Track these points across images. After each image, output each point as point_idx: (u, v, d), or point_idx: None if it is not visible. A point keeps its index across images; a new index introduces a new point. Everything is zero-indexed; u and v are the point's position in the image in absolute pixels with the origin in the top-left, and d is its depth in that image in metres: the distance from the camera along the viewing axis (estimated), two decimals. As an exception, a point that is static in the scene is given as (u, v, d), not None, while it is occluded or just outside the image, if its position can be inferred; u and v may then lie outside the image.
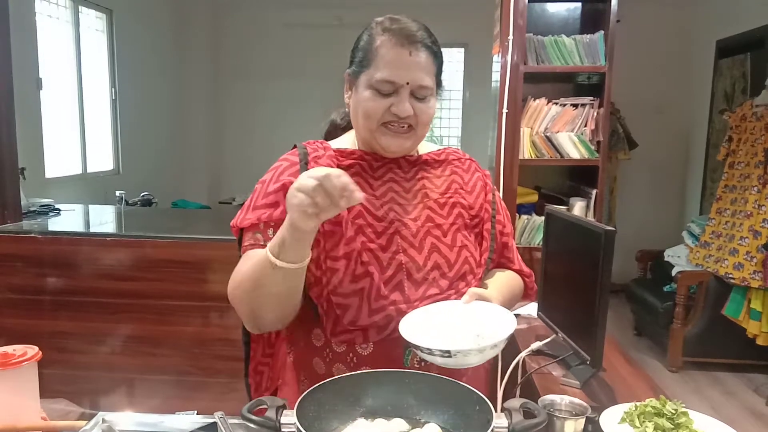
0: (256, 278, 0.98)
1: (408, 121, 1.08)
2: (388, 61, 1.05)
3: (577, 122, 2.96)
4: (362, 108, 1.08)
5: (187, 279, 2.47)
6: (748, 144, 3.72)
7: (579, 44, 2.88)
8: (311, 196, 0.85)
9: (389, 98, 1.06)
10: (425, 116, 1.09)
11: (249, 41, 5.93)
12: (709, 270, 3.73)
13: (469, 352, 0.91)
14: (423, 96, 1.08)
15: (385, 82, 1.05)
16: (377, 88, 1.06)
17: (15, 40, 2.71)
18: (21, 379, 1.04)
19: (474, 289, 1.06)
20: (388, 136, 1.09)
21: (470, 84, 5.92)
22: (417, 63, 1.06)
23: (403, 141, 1.10)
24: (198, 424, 1.01)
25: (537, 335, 1.79)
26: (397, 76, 1.05)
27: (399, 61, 1.05)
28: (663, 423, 1.10)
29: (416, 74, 1.06)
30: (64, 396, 1.68)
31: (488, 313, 1.03)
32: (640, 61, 4.87)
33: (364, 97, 1.08)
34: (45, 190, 3.79)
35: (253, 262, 1.00)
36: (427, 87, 1.07)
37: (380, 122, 1.08)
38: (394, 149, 1.11)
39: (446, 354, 0.90)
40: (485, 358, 0.94)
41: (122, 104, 5.02)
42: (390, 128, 1.09)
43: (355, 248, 1.05)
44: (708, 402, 3.40)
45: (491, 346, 0.92)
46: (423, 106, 1.08)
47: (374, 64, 1.06)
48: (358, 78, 1.10)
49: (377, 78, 1.05)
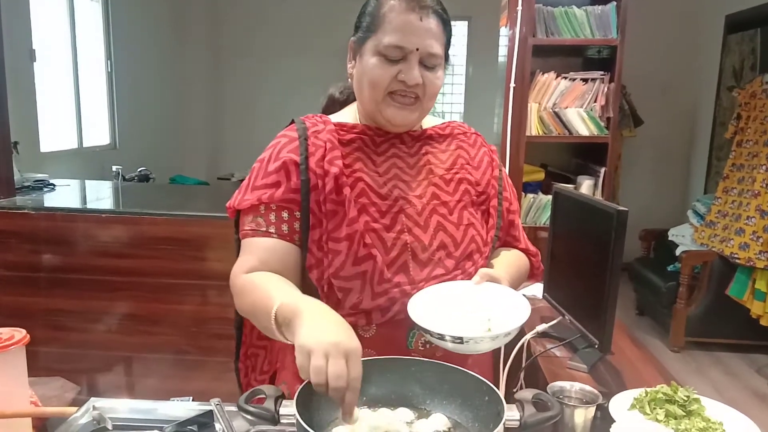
0: (255, 308, 0.96)
1: (415, 90, 1.03)
2: (398, 26, 1.00)
3: (587, 98, 2.89)
4: (368, 76, 1.03)
5: (184, 257, 2.43)
6: (757, 122, 3.65)
7: (590, 16, 2.79)
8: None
9: (397, 65, 1.01)
10: (433, 87, 1.04)
11: (249, 14, 5.82)
12: (714, 250, 3.69)
13: (482, 339, 0.87)
14: (432, 65, 1.03)
15: (394, 48, 1.00)
16: (385, 54, 1.01)
17: (6, 10, 2.64)
18: (8, 363, 1.00)
19: (484, 269, 1.03)
20: (393, 108, 1.04)
21: (474, 59, 5.81)
22: (427, 29, 1.01)
23: (409, 113, 1.05)
24: (194, 411, 0.97)
25: (542, 317, 1.75)
26: (406, 42, 1.00)
27: (409, 25, 1.00)
28: (674, 410, 1.07)
29: (426, 40, 1.01)
30: (60, 374, 1.66)
31: (500, 297, 0.99)
32: (646, 35, 4.75)
33: (371, 64, 1.02)
34: (40, 164, 3.73)
35: (259, 294, 0.94)
36: (436, 55, 1.02)
37: (387, 91, 1.03)
38: (399, 121, 1.06)
39: (458, 340, 0.87)
40: (497, 345, 0.91)
41: (118, 77, 4.93)
42: (396, 99, 1.03)
43: (357, 229, 1.00)
44: (710, 382, 3.39)
45: (505, 334, 0.89)
46: (431, 76, 1.03)
47: (382, 29, 1.01)
48: (363, 45, 1.04)
49: (385, 43, 1.00)
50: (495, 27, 3.18)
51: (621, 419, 1.05)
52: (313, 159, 1.03)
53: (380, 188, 1.06)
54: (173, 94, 5.75)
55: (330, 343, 0.77)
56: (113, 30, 4.85)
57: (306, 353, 0.77)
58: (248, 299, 0.98)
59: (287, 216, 1.03)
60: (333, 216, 1.01)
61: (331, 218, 1.01)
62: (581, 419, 1.03)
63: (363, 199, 1.04)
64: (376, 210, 1.04)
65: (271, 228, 1.02)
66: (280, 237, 1.02)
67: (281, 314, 0.87)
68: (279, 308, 0.88)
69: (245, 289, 0.99)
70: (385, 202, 1.05)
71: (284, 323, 0.87)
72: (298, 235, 1.03)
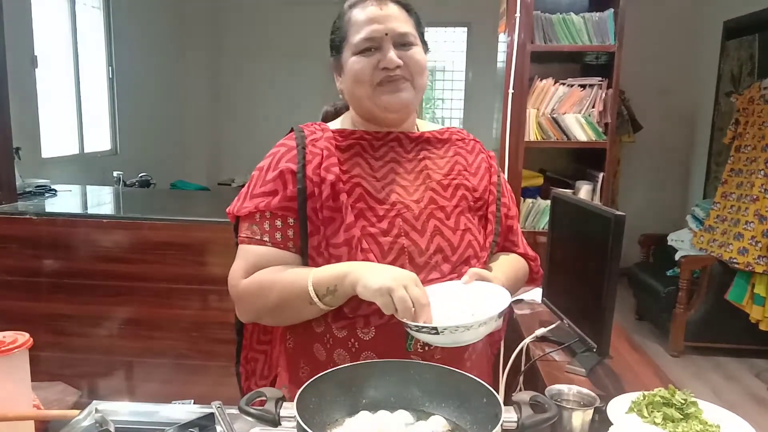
0: (283, 298, 1.00)
1: (400, 72, 1.06)
2: (362, 22, 1.06)
3: (585, 103, 2.90)
4: (352, 75, 1.07)
5: (185, 261, 2.44)
6: (755, 127, 3.67)
7: (588, 22, 2.81)
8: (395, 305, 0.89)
9: (375, 55, 1.06)
10: (416, 64, 1.07)
11: (249, 19, 5.84)
12: (713, 254, 3.70)
13: (456, 328, 0.89)
14: (406, 43, 1.07)
15: (365, 40, 1.05)
16: (360, 51, 1.06)
17: (9, 16, 2.65)
18: (12, 366, 1.01)
19: (474, 269, 1.04)
20: (386, 95, 1.07)
21: (473, 65, 5.83)
22: (389, 14, 1.06)
23: (403, 94, 1.07)
24: (195, 414, 0.98)
25: (541, 321, 1.76)
26: (373, 31, 1.05)
27: (371, 17, 1.06)
28: (672, 413, 1.07)
29: (392, 24, 1.06)
30: (62, 379, 1.67)
31: (485, 292, 1.01)
32: (644, 41, 4.77)
33: (351, 63, 1.07)
34: (41, 170, 3.74)
35: (284, 282, 1.00)
36: (407, 33, 1.07)
37: (373, 83, 1.06)
38: (396, 105, 1.08)
39: (434, 331, 0.89)
40: (479, 335, 0.93)
41: (119, 83, 4.95)
42: (386, 86, 1.06)
43: (355, 234, 1.02)
44: (709, 387, 3.39)
45: (480, 323, 0.90)
46: (409, 54, 1.07)
47: (351, 32, 1.08)
48: (341, 56, 1.10)
49: (356, 41, 1.06)
50: (494, 33, 3.19)
51: (618, 422, 1.05)
52: (310, 167, 1.05)
53: (378, 193, 1.07)
54: (174, 100, 5.76)
55: (400, 276, 0.91)
56: (114, 36, 4.87)
57: (386, 292, 0.89)
58: (271, 295, 1.01)
59: (281, 224, 1.05)
60: (330, 222, 1.03)
61: (329, 224, 1.03)
62: (579, 422, 1.04)
63: (360, 204, 1.05)
64: (374, 214, 1.05)
65: (265, 236, 1.05)
66: (274, 245, 1.05)
67: (320, 285, 0.96)
68: (315, 282, 0.96)
69: (262, 288, 1.02)
70: (382, 207, 1.06)
71: (329, 292, 0.96)
72: (293, 243, 1.05)
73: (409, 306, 0.89)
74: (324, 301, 0.97)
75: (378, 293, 0.90)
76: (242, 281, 1.04)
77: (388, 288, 0.89)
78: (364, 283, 0.92)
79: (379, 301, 0.90)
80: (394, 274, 0.92)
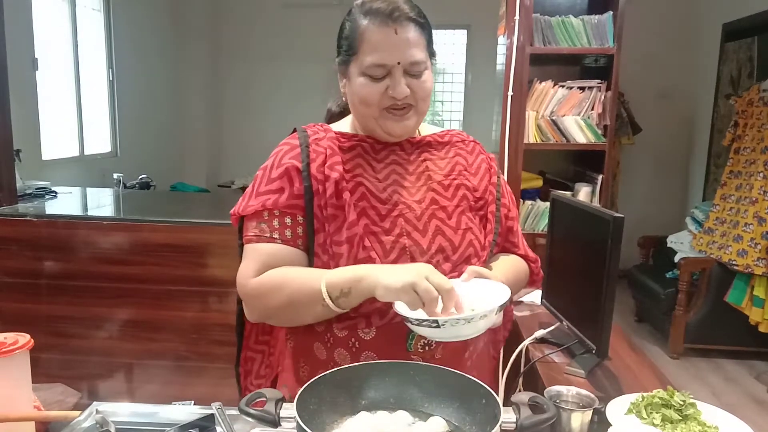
0: (294, 298, 0.99)
1: (407, 101, 1.05)
2: (376, 44, 1.02)
3: (584, 106, 2.91)
4: (359, 96, 1.06)
5: (185, 263, 2.44)
6: (754, 129, 3.68)
7: (587, 25, 2.81)
8: (420, 298, 0.89)
9: (384, 81, 1.04)
10: (423, 91, 1.06)
11: (248, 22, 5.84)
12: (713, 256, 3.70)
13: (456, 321, 0.88)
14: (417, 72, 1.05)
15: (376, 67, 1.02)
16: (369, 74, 1.03)
17: (9, 18, 2.66)
18: (13, 367, 1.01)
19: (473, 267, 1.04)
20: (391, 121, 1.07)
21: (473, 67, 5.84)
22: (405, 40, 1.02)
23: (407, 122, 1.08)
24: (195, 415, 0.98)
25: (541, 323, 1.76)
26: (386, 58, 1.02)
27: (386, 42, 1.01)
28: (671, 414, 1.08)
29: (406, 52, 1.02)
30: (62, 380, 1.66)
31: (485, 289, 1.01)
32: (644, 43, 4.78)
33: (359, 83, 1.05)
34: (41, 172, 3.75)
35: (296, 283, 1.00)
36: (419, 62, 1.04)
37: (380, 107, 1.05)
38: (399, 133, 1.09)
39: (434, 324, 0.88)
40: (479, 329, 0.92)
41: (120, 85, 4.96)
42: (391, 113, 1.06)
43: (357, 232, 1.02)
44: (709, 388, 3.39)
45: (480, 316, 0.90)
46: (418, 82, 1.05)
47: (362, 49, 1.03)
48: (348, 66, 1.07)
49: (367, 63, 1.03)
50: (493, 36, 3.20)
51: (617, 423, 1.06)
52: (314, 165, 1.05)
53: (380, 193, 1.08)
54: (174, 102, 5.77)
55: (418, 269, 0.91)
56: (114, 38, 4.88)
57: (410, 288, 0.89)
58: (281, 294, 1.00)
59: (290, 221, 1.05)
60: (334, 220, 1.03)
61: (332, 222, 1.03)
62: (578, 423, 1.04)
63: (363, 203, 1.06)
64: (376, 213, 1.06)
65: (275, 234, 1.04)
66: (284, 242, 1.04)
67: (334, 287, 0.95)
68: (328, 284, 0.96)
69: (272, 288, 1.01)
70: (384, 206, 1.07)
71: (343, 294, 0.95)
72: (302, 240, 1.05)
73: (435, 296, 0.88)
74: (337, 303, 0.96)
75: (402, 291, 0.89)
76: (252, 280, 1.03)
77: (411, 284, 0.89)
78: (385, 284, 0.91)
79: (405, 298, 0.90)
80: (413, 269, 0.91)
